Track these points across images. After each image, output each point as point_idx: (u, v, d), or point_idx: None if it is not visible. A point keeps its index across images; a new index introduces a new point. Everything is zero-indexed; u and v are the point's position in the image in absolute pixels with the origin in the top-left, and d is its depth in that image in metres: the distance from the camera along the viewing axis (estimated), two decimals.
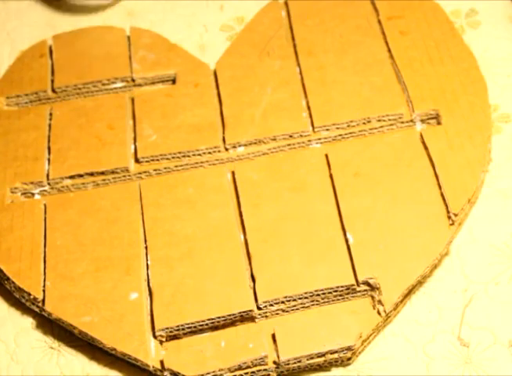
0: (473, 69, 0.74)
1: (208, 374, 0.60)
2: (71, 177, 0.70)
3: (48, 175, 0.71)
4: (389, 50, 0.76)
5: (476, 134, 0.70)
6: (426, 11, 0.78)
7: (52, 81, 0.77)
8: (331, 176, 0.68)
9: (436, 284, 0.65)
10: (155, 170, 0.71)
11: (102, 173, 0.71)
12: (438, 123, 0.71)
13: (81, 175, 0.71)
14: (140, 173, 0.71)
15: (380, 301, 0.62)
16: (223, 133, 0.72)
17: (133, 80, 0.77)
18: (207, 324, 0.62)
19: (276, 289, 0.63)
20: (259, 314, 0.62)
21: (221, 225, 0.67)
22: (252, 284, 0.63)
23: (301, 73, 0.75)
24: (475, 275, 0.65)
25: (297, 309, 0.63)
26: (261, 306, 0.62)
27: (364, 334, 0.61)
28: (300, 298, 0.63)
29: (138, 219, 0.67)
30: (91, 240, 0.67)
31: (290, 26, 0.79)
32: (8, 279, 0.66)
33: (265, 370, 0.61)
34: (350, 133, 0.71)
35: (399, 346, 0.63)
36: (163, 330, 0.61)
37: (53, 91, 0.76)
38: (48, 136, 0.73)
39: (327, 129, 0.72)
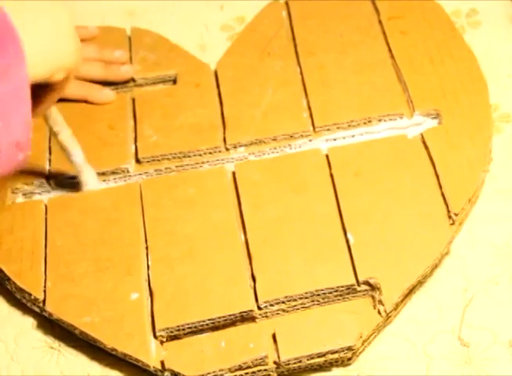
0: (473, 69, 0.74)
1: (209, 374, 0.60)
2: (72, 178, 0.70)
3: (48, 176, 0.71)
4: (390, 50, 0.76)
5: (476, 134, 0.70)
6: (426, 11, 0.78)
7: None
8: (332, 176, 0.68)
9: (436, 284, 0.65)
10: (156, 170, 0.71)
11: (103, 173, 0.71)
12: (439, 123, 0.71)
13: None
14: (141, 173, 0.71)
15: (380, 301, 0.62)
16: (224, 133, 0.72)
17: (134, 80, 0.77)
18: (207, 324, 0.62)
19: (277, 289, 0.63)
20: (259, 314, 0.62)
21: (221, 226, 0.67)
22: (252, 284, 0.63)
23: (301, 73, 0.75)
24: (475, 275, 0.65)
25: (298, 309, 0.63)
26: (261, 306, 0.62)
27: (364, 334, 0.61)
28: (300, 298, 0.63)
29: (138, 220, 0.67)
30: (92, 240, 0.67)
31: (290, 26, 0.79)
32: (9, 279, 0.66)
33: (265, 370, 0.61)
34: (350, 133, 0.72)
35: (399, 346, 0.63)
36: (163, 330, 0.61)
37: None
38: (49, 137, 0.73)
39: (328, 129, 0.72)
